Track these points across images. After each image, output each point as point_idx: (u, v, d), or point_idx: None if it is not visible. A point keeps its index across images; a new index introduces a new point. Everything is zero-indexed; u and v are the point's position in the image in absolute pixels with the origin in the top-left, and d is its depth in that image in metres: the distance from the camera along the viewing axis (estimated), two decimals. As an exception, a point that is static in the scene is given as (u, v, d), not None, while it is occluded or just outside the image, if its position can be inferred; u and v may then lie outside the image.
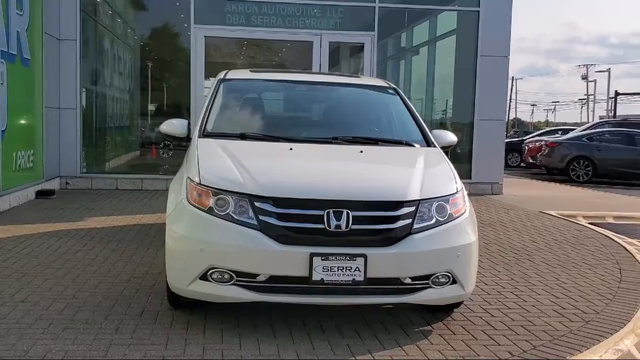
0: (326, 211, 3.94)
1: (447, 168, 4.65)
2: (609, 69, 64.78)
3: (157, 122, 13.97)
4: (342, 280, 3.90)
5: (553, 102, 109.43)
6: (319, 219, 3.94)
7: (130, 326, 4.16)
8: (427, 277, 4.08)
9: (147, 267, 5.83)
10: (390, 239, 3.99)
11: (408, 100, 5.63)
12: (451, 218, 4.22)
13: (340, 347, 3.95)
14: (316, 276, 3.88)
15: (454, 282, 4.18)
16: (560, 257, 6.89)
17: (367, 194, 4.09)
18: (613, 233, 8.59)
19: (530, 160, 20.75)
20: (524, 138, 24.00)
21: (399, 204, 4.06)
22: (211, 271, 3.97)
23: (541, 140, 20.50)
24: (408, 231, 4.03)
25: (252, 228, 3.95)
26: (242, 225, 3.96)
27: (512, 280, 5.84)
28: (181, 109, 12.37)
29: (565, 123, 74.17)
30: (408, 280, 4.05)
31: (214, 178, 4.16)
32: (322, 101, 5.63)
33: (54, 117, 10.98)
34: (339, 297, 4.00)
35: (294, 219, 3.95)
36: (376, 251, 3.94)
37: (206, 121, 5.02)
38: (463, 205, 4.36)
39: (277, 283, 3.94)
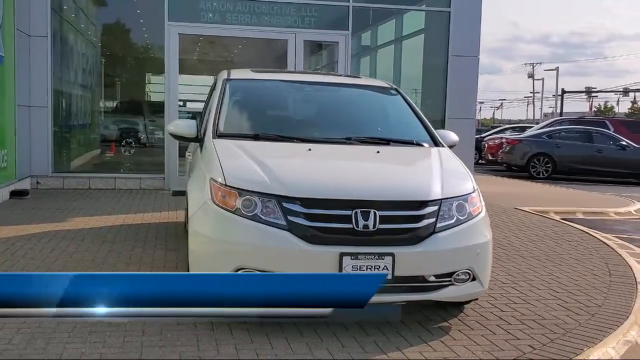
0: (354, 211, 4.01)
1: (461, 167, 4.77)
2: (557, 67, 66.36)
3: (129, 119, 13.85)
4: (371, 279, 3.97)
5: (500, 99, 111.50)
6: (347, 219, 4.01)
7: (156, 328, 4.14)
8: (450, 274, 4.20)
9: (150, 267, 5.79)
10: (415, 237, 4.09)
11: (411, 101, 5.74)
12: (470, 217, 4.34)
13: (368, 344, 4.02)
14: (346, 275, 3.94)
15: (474, 279, 4.31)
16: (547, 253, 7.11)
17: (394, 194, 4.18)
18: (588, 228, 8.89)
19: (490, 157, 21.18)
20: (482, 135, 24.48)
21: (423, 204, 4.16)
22: (239, 271, 3.99)
23: (501, 138, 20.96)
24: (432, 230, 4.14)
25: (281, 228, 3.99)
26: (271, 226, 4.00)
27: (509, 275, 6.01)
28: (154, 107, 12.25)
29: (511, 120, 75.83)
30: (432, 278, 4.16)
31: (240, 179, 4.18)
32: (329, 101, 5.69)
33: (24, 115, 10.72)
34: (369, 295, 4.07)
35: (323, 219, 4.01)
36: (403, 250, 4.03)
37: (218, 121, 5.02)
38: (480, 204, 4.49)
39: (306, 282, 3.98)
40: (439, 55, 12.73)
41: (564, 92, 64.68)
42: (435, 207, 4.18)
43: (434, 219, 4.15)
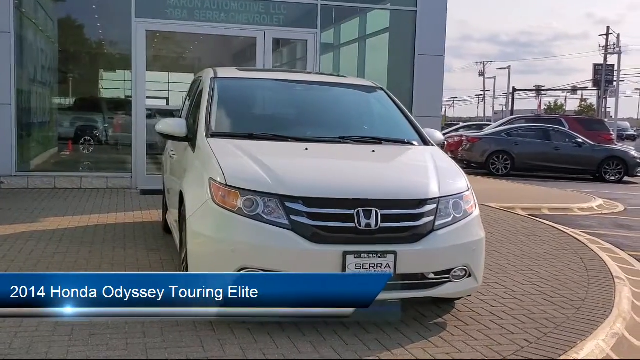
0: (356, 210, 4.05)
1: (454, 166, 4.86)
2: (509, 66, 67.73)
3: (94, 117, 13.60)
4: (373, 277, 4.02)
5: (452, 98, 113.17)
6: (349, 218, 4.05)
7: (156, 330, 4.10)
8: (448, 271, 4.28)
9: (136, 267, 5.72)
10: (416, 236, 4.15)
11: (397, 100, 5.80)
12: (466, 215, 4.43)
13: (371, 342, 4.07)
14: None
15: (469, 275, 4.40)
16: (522, 249, 7.28)
17: (394, 193, 4.23)
18: (556, 224, 9.13)
19: (450, 155, 21.47)
20: (443, 133, 24.76)
21: (422, 202, 4.23)
22: (243, 271, 3.99)
23: (461, 136, 21.29)
24: (431, 228, 4.21)
25: (284, 228, 4.00)
26: (274, 225, 4.01)
27: (490, 271, 6.13)
28: (121, 104, 12.06)
29: (461, 118, 77.07)
30: (431, 276, 4.23)
31: (240, 179, 4.17)
32: (319, 101, 5.70)
33: (-13, 113, 10.45)
34: (371, 293, 4.11)
35: (325, 218, 4.04)
36: (404, 248, 4.09)
37: (210, 121, 4.99)
38: (473, 202, 4.58)
39: (310, 281, 4.00)
40: (405, 53, 12.86)
41: (514, 90, 66.06)
42: (434, 206, 4.26)
43: (432, 217, 4.23)
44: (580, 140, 18.83)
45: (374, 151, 4.89)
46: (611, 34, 55.29)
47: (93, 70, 13.00)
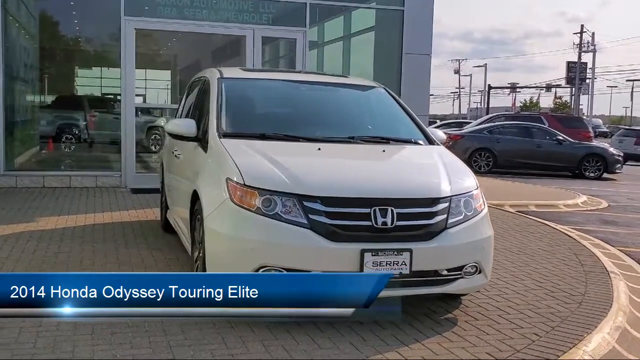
0: (373, 209, 4.15)
1: (462, 164, 4.98)
2: (486, 64, 68.48)
3: (83, 116, 13.53)
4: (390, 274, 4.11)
5: (429, 95, 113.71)
6: (366, 217, 4.14)
7: (176, 328, 4.15)
8: (460, 268, 4.39)
9: (143, 267, 5.75)
10: (430, 233, 4.26)
11: (400, 100, 5.90)
12: (476, 213, 4.55)
13: (388, 338, 4.17)
14: (366, 271, 4.07)
15: (479, 271, 4.52)
16: (517, 245, 7.44)
17: (409, 192, 4.34)
18: (545, 221, 9.32)
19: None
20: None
21: (436, 201, 4.34)
22: (262, 270, 4.06)
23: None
24: (444, 226, 4.32)
25: (303, 227, 4.08)
26: (292, 224, 4.09)
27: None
28: (109, 102, 12.02)
29: (436, 116, 77.69)
30: (444, 272, 4.34)
31: (258, 179, 4.23)
32: (325, 101, 5.77)
33: (-26, 111, 10.35)
34: (388, 290, 4.18)
35: (343, 217, 4.12)
36: (419, 245, 4.19)
37: (221, 121, 5.04)
38: (482, 200, 4.70)
39: (327, 279, 4.09)
40: (392, 52, 12.99)
41: (490, 87, 66.70)
42: (446, 204, 4.36)
43: (445, 216, 4.33)
44: (560, 137, 19.14)
45: (384, 151, 4.99)
46: (585, 32, 56.10)
47: (80, 69, 12.92)
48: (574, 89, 61.51)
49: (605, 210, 11.57)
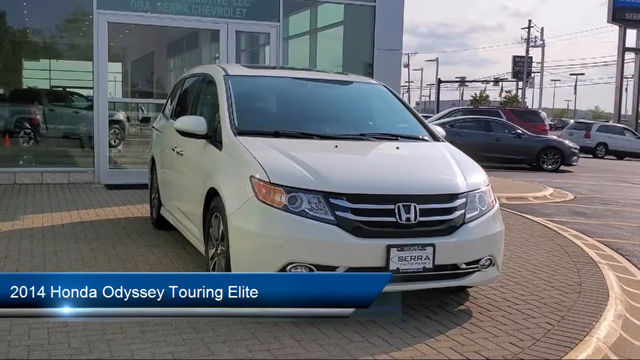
0: (397, 205, 4.26)
1: (471, 161, 5.14)
2: (437, 58, 69.51)
3: (54, 109, 13.23)
4: (414, 269, 4.24)
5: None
6: (390, 213, 4.25)
7: (204, 325, 4.17)
8: (477, 261, 4.54)
9: (149, 265, 5.73)
10: (450, 228, 4.40)
11: (401, 97, 6.03)
12: (489, 208, 4.71)
13: (412, 330, 4.29)
14: (392, 266, 4.18)
15: (493, 265, 4.68)
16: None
17: (430, 188, 4.47)
18: (521, 213, 9.61)
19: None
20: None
21: (454, 196, 4.48)
22: (290, 266, 4.13)
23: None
24: (462, 221, 4.46)
25: (329, 223, 4.16)
26: (319, 221, 4.16)
27: (485, 259, 6.46)
28: (82, 97, 11.81)
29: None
30: (463, 266, 4.48)
31: (284, 176, 4.29)
32: (331, 97, 5.84)
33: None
34: (412, 283, 4.34)
35: (368, 213, 4.22)
36: (441, 240, 4.33)
37: (233, 119, 5.05)
38: (493, 195, 4.87)
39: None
40: (363, 47, 13.12)
41: (440, 81, 67.77)
42: (464, 200, 4.51)
43: (463, 211, 4.48)
44: (519, 131, 19.64)
45: (397, 148, 5.10)
46: (533, 26, 57.47)
47: (57, 63, 12.65)
48: (520, 82, 63.05)
49: (573, 202, 11.97)
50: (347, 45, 13.72)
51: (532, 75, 65.58)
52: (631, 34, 41.23)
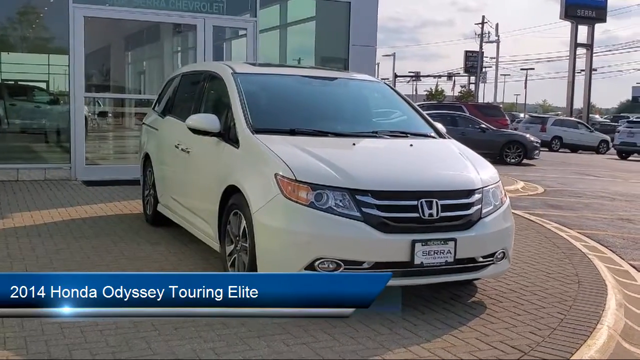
0: (419, 201, 4.39)
1: (481, 157, 5.29)
2: (394, 53, 70.15)
3: (28, 104, 12.95)
4: (437, 263, 4.38)
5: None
6: (413, 209, 4.38)
7: (235, 321, 4.20)
8: (492, 255, 4.71)
9: (159, 263, 5.72)
10: (469, 223, 4.55)
11: (403, 94, 6.16)
12: (502, 203, 4.88)
13: (435, 322, 4.43)
14: (417, 260, 4.31)
15: (505, 257, 4.86)
16: (490, 230, 7.88)
17: (449, 184, 4.61)
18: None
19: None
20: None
21: (471, 192, 4.64)
22: (318, 262, 4.21)
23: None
24: (479, 216, 4.62)
25: (356, 219, 4.27)
26: (346, 217, 4.26)
27: (481, 252, 6.66)
28: (58, 92, 11.61)
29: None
30: (480, 259, 4.64)
31: (309, 173, 4.37)
32: (340, 96, 5.93)
33: None
34: (434, 277, 4.48)
35: (392, 209, 4.34)
36: (462, 234, 4.48)
37: (247, 117, 5.09)
38: (504, 190, 5.04)
39: (380, 269, 4.29)
40: (338, 43, 13.22)
41: (396, 76, 68.58)
42: (480, 195, 4.67)
43: (480, 206, 4.64)
44: (483, 125, 20.06)
45: (411, 145, 5.23)
46: (486, 22, 58.50)
47: (33, 57, 12.39)
48: (473, 77, 64.14)
49: (544, 195, 12.33)
50: (320, 41, 13.79)
51: (485, 70, 66.76)
52: (582, 30, 42.37)
